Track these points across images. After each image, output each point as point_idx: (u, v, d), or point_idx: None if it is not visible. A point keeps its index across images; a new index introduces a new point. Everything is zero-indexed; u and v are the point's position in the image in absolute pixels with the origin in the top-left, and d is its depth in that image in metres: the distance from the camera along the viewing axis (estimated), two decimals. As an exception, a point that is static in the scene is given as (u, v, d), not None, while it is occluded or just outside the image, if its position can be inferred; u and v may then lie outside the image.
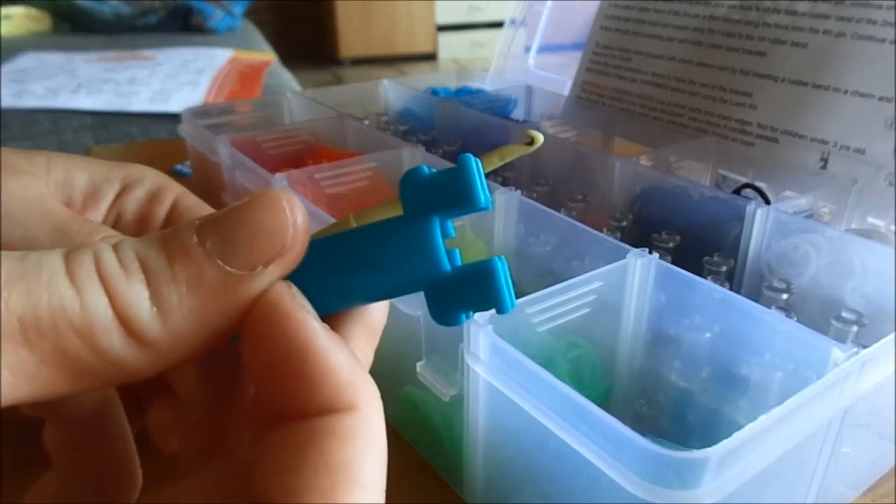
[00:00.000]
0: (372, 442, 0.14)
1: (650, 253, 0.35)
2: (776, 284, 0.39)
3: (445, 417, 0.35)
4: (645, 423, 0.37)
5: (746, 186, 0.50)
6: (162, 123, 1.37)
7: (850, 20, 0.50)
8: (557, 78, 0.78)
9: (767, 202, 0.47)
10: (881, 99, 0.48)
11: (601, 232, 0.39)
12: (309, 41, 3.91)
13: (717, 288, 0.33)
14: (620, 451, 0.23)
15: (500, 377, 0.28)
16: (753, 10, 0.57)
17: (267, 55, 1.90)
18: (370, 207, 0.19)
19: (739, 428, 0.23)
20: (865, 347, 0.28)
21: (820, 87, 0.52)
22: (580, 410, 0.25)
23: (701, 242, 0.43)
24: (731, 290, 0.33)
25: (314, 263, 0.15)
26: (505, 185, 0.46)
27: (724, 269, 0.40)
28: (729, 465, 0.23)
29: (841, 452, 0.30)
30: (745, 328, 0.32)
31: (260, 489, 0.14)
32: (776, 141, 0.54)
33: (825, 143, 0.51)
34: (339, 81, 3.46)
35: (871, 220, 0.48)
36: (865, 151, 0.49)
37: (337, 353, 0.14)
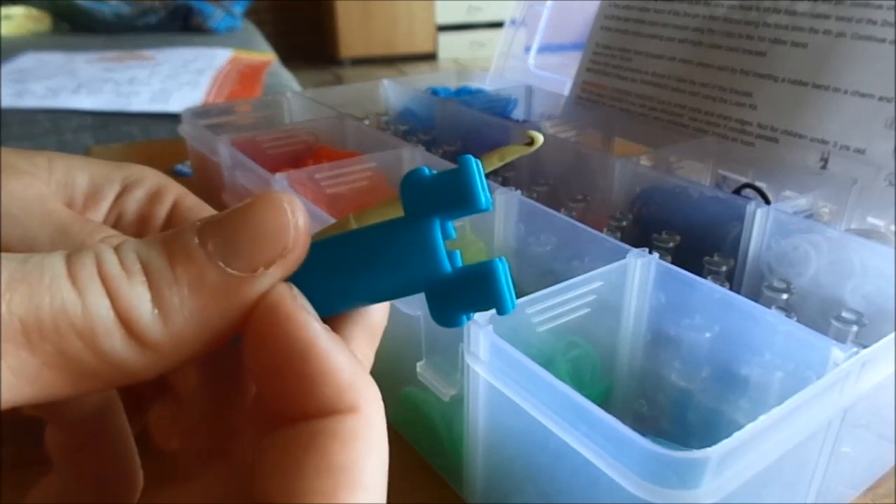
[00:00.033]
0: (373, 443, 0.14)
1: (650, 253, 0.35)
2: (776, 284, 0.39)
3: (445, 417, 0.35)
4: (645, 423, 0.37)
5: (746, 186, 0.50)
6: (162, 123, 1.37)
7: (850, 20, 0.50)
8: (557, 78, 0.78)
9: (767, 202, 0.47)
10: (881, 99, 0.48)
11: (601, 232, 0.39)
12: (309, 41, 3.90)
13: (717, 288, 0.33)
14: (620, 451, 0.23)
15: (500, 377, 0.28)
16: (753, 10, 0.57)
17: (267, 55, 1.90)
18: (370, 207, 0.19)
19: (739, 428, 0.23)
20: (865, 347, 0.28)
21: (820, 87, 0.52)
22: (580, 410, 0.25)
23: (701, 242, 0.43)
24: (731, 290, 0.33)
25: (315, 265, 0.15)
26: (505, 185, 0.46)
27: (724, 269, 0.40)
28: (729, 465, 0.23)
29: (841, 452, 0.30)
30: (745, 328, 0.32)
31: (261, 490, 0.14)
32: (776, 141, 0.54)
33: (825, 143, 0.51)
34: (339, 81, 3.46)
35: (871, 220, 0.48)
36: (865, 151, 0.49)
37: (338, 354, 0.14)
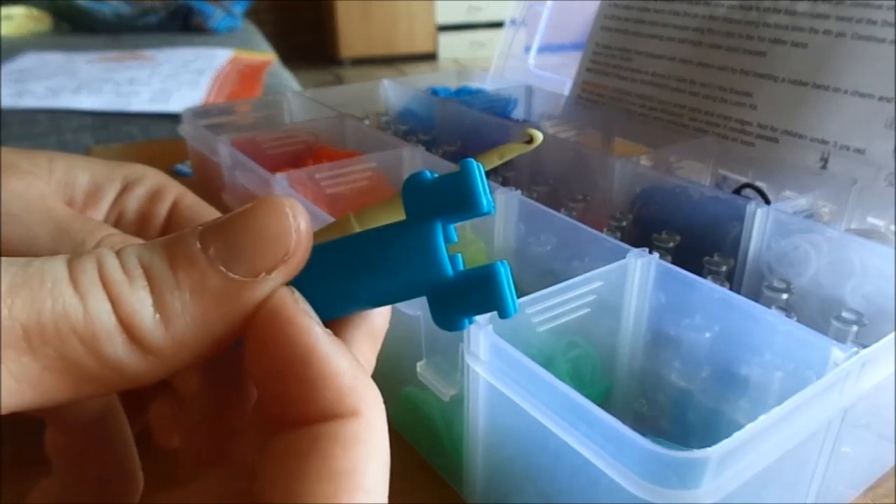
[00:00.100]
0: (375, 447, 0.14)
1: (650, 253, 0.35)
2: (776, 284, 0.39)
3: (445, 417, 0.35)
4: (645, 423, 0.37)
5: (746, 186, 0.50)
6: (162, 123, 1.37)
7: (850, 20, 0.50)
8: (557, 78, 0.78)
9: (767, 202, 0.47)
10: (881, 99, 0.48)
11: (601, 232, 0.39)
12: (309, 41, 3.90)
13: (717, 288, 0.33)
14: (620, 451, 0.23)
15: (500, 377, 0.28)
16: (753, 10, 0.57)
17: (267, 55, 1.90)
18: (370, 206, 0.19)
19: (739, 428, 0.23)
20: (865, 347, 0.28)
21: (820, 87, 0.52)
22: (580, 410, 0.25)
23: (701, 242, 0.43)
24: (731, 290, 0.33)
25: (317, 268, 0.15)
26: (505, 185, 0.46)
27: (724, 269, 0.40)
28: (729, 465, 0.23)
29: (841, 452, 0.30)
30: (745, 328, 0.32)
31: (262, 494, 0.14)
32: (776, 141, 0.54)
33: (825, 143, 0.51)
34: (339, 81, 3.46)
35: (871, 220, 0.48)
36: (865, 151, 0.49)
37: (340, 358, 0.14)
